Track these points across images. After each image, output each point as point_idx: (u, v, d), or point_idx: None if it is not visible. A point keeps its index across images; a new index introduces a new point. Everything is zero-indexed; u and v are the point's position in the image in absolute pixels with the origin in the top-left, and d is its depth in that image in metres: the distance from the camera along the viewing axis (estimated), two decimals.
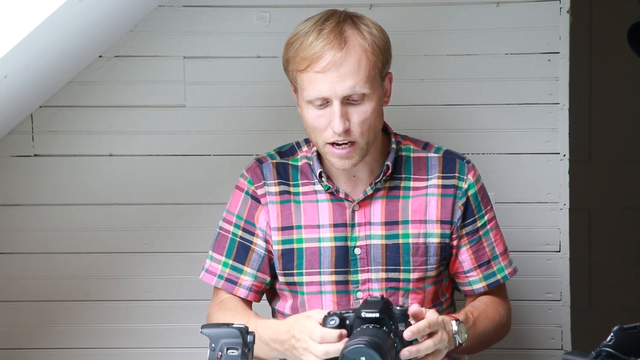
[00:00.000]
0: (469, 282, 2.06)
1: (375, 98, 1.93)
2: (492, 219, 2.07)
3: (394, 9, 2.44)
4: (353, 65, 1.89)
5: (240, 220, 2.05)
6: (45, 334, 2.56)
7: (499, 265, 2.07)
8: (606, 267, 3.77)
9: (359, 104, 1.91)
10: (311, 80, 1.90)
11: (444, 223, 2.01)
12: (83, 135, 2.51)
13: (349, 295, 2.01)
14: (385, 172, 2.00)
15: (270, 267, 2.05)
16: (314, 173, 2.03)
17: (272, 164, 2.06)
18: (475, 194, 2.04)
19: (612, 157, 3.75)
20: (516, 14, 2.46)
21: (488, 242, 2.06)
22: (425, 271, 2.01)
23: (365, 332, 1.66)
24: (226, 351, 1.67)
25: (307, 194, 2.03)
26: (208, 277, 2.07)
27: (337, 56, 1.88)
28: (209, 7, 2.48)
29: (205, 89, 2.50)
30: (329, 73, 1.88)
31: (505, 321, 2.07)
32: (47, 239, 2.53)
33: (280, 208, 2.03)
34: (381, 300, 1.72)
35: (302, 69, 1.91)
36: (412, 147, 2.06)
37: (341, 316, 1.73)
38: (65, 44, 2.14)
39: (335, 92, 1.88)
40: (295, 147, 2.10)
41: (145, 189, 2.53)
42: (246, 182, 2.06)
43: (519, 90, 2.48)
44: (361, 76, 1.89)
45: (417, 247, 2.00)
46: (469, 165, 2.05)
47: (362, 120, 1.91)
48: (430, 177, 2.03)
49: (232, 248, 2.05)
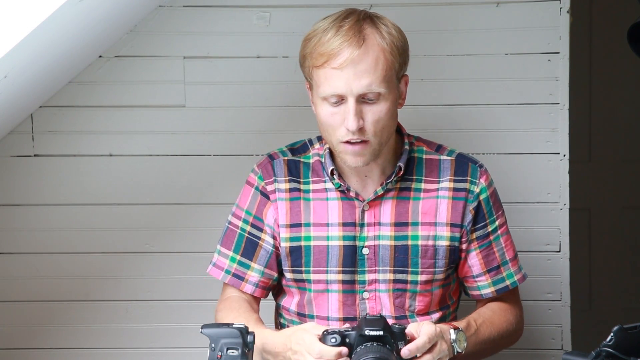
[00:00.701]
0: (478, 287, 2.06)
1: (391, 98, 1.92)
2: (504, 224, 2.07)
3: (394, 9, 2.44)
4: (370, 64, 1.88)
5: (249, 215, 2.05)
6: (45, 334, 2.56)
7: (508, 271, 2.06)
8: (606, 267, 3.77)
9: (374, 103, 1.90)
10: (327, 76, 1.89)
11: (454, 226, 2.01)
12: (83, 135, 2.51)
13: (355, 295, 2.01)
14: (397, 173, 1.99)
15: (277, 263, 2.05)
16: (325, 171, 2.03)
17: (283, 160, 2.05)
18: (487, 198, 2.03)
19: (612, 157, 3.75)
20: (516, 14, 2.46)
21: (498, 248, 2.05)
22: (434, 274, 2.01)
23: (371, 350, 1.68)
24: (226, 351, 1.67)
25: (318, 192, 2.03)
26: (215, 272, 2.07)
27: (354, 53, 1.87)
28: (209, 7, 2.47)
29: (205, 89, 2.50)
30: (346, 70, 1.87)
31: (513, 328, 2.06)
32: (47, 239, 2.53)
33: (290, 205, 2.03)
34: (381, 318, 1.73)
35: (319, 65, 1.90)
36: (425, 149, 2.06)
37: (342, 334, 1.73)
38: (65, 44, 2.14)
39: (351, 90, 1.88)
40: (307, 144, 2.09)
41: (145, 189, 2.53)
42: (257, 177, 2.06)
43: (519, 90, 2.48)
44: (378, 75, 1.89)
45: (425, 250, 2.00)
46: (482, 169, 2.05)
47: (376, 120, 1.90)
48: (441, 179, 2.02)
49: (240, 243, 2.05)
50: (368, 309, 2.00)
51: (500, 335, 2.01)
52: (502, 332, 2.02)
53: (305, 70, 1.96)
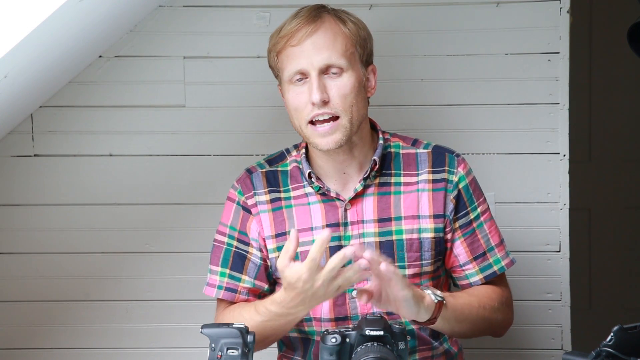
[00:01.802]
0: (466, 276, 2.05)
1: (355, 76, 1.95)
2: (486, 210, 2.07)
3: (394, 9, 2.44)
4: (328, 38, 1.94)
5: (234, 231, 2.05)
6: (45, 334, 2.56)
7: (495, 257, 2.06)
8: (606, 267, 3.77)
9: (337, 77, 1.94)
10: (289, 55, 1.95)
11: (437, 217, 2.01)
12: (83, 135, 2.51)
13: (344, 295, 2.00)
14: (372, 168, 2.00)
15: (267, 275, 2.05)
16: (303, 175, 2.03)
17: (261, 173, 2.06)
18: (466, 186, 2.04)
19: (612, 157, 3.75)
20: (516, 14, 2.46)
21: (482, 234, 2.05)
22: (421, 267, 2.01)
23: (372, 350, 1.68)
24: (226, 351, 1.67)
25: (298, 198, 2.03)
26: (209, 290, 2.06)
27: (310, 28, 1.94)
28: (209, 7, 2.48)
29: (205, 89, 2.50)
30: (305, 44, 1.93)
31: (497, 305, 2.02)
32: (47, 239, 2.53)
33: (273, 216, 2.03)
34: (382, 319, 1.74)
35: (280, 49, 1.96)
36: (401, 144, 2.07)
37: (342, 334, 1.73)
38: (65, 44, 2.14)
39: (311, 63, 1.92)
40: (284, 153, 2.11)
41: (145, 189, 2.53)
42: (237, 192, 2.07)
43: (519, 90, 2.48)
44: (337, 48, 1.93)
45: (410, 243, 2.00)
46: (459, 158, 2.05)
47: (343, 95, 1.93)
48: (420, 172, 2.03)
49: (228, 258, 2.04)
50: (358, 308, 2.00)
51: (480, 306, 1.98)
52: (481, 303, 1.99)
53: (272, 65, 2.02)
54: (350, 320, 2.00)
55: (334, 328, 1.77)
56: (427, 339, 2.03)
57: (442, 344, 2.06)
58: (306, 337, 2.04)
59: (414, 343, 2.02)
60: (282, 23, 2.00)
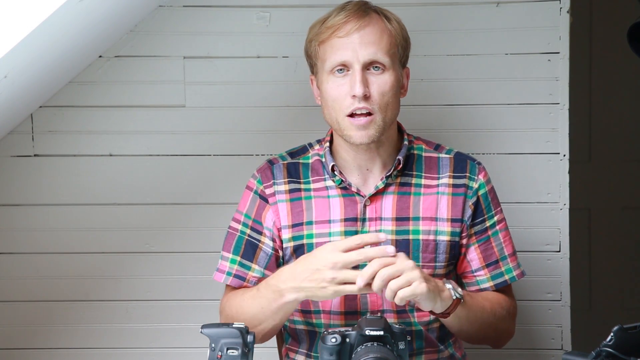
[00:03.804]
0: (477, 282, 2.06)
1: (395, 76, 1.96)
2: (502, 220, 2.08)
3: (394, 9, 2.43)
4: (376, 34, 1.94)
5: (249, 219, 2.06)
6: (45, 334, 2.56)
7: (507, 266, 2.07)
8: (606, 267, 3.77)
9: (379, 74, 1.94)
10: (333, 45, 1.94)
11: (454, 221, 2.02)
12: (83, 135, 2.51)
13: None
14: (396, 166, 2.01)
15: (277, 266, 2.05)
16: (325, 169, 2.04)
17: (283, 164, 2.07)
18: (485, 194, 2.05)
19: (612, 157, 3.75)
20: (516, 14, 2.46)
21: (497, 243, 2.06)
22: (434, 268, 2.01)
23: (372, 350, 1.68)
24: (226, 351, 1.67)
25: (318, 190, 2.04)
26: (218, 276, 2.07)
27: (359, 23, 1.94)
28: (209, 7, 2.48)
29: (205, 89, 2.50)
30: (352, 37, 1.93)
31: (505, 314, 2.04)
32: (47, 239, 2.53)
33: (291, 206, 2.03)
34: (382, 319, 1.74)
35: (325, 39, 1.95)
36: (424, 147, 2.09)
37: (342, 334, 1.73)
38: (65, 44, 2.14)
39: (357, 57, 1.92)
40: (307, 147, 2.11)
41: (145, 189, 2.53)
42: (256, 182, 2.07)
43: (519, 90, 2.49)
44: (383, 45, 1.94)
45: (427, 244, 2.01)
46: (480, 166, 2.07)
47: (382, 92, 1.94)
48: (441, 176, 2.04)
49: (240, 245, 2.05)
50: (369, 303, 2.00)
51: (492, 310, 1.99)
52: (493, 307, 2.00)
53: (311, 54, 2.01)
54: (360, 315, 2.00)
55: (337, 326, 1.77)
56: (434, 342, 2.04)
57: (447, 347, 2.06)
58: (313, 330, 2.04)
59: (421, 345, 2.02)
60: (326, 14, 1.99)
